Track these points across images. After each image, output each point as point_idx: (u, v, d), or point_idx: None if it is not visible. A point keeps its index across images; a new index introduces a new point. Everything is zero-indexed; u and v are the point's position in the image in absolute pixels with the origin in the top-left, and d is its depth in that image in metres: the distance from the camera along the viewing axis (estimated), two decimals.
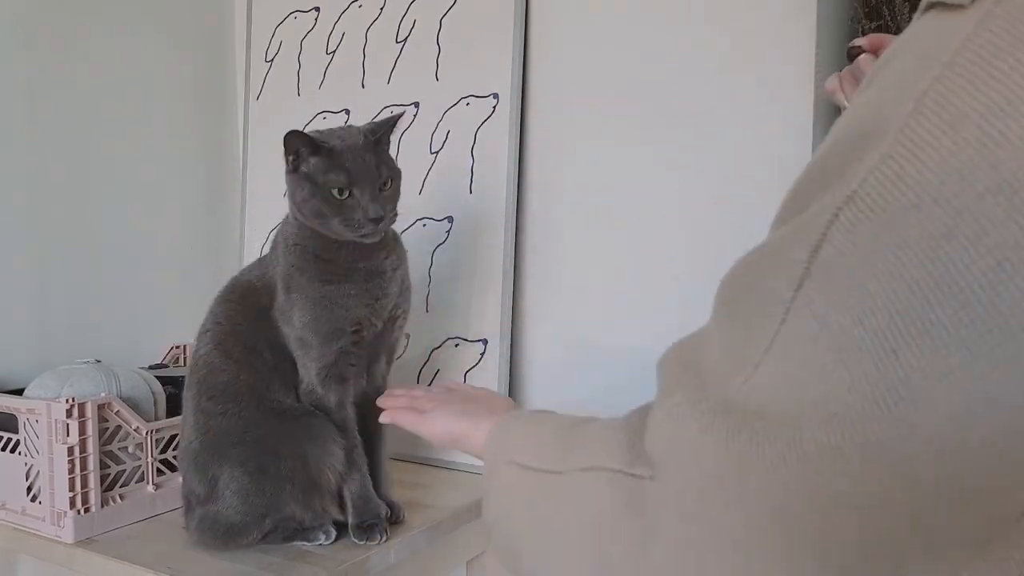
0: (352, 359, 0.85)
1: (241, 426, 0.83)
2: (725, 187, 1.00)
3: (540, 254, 1.15)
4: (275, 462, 0.81)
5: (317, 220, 0.80)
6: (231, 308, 0.87)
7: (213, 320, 0.88)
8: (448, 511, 0.96)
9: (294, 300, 0.83)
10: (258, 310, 0.86)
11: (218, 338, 0.86)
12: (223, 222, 1.45)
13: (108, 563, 0.84)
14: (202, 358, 0.86)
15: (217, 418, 0.83)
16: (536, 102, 1.14)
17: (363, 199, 0.79)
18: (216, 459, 0.82)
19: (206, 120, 1.43)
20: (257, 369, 0.84)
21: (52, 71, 1.18)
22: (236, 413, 0.83)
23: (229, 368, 0.84)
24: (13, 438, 0.93)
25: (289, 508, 0.82)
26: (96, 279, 1.24)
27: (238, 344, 0.85)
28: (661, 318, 1.05)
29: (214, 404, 0.84)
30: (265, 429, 0.82)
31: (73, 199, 1.21)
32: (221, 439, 0.83)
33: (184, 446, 0.87)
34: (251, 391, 0.84)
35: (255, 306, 0.86)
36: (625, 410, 0.44)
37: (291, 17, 1.37)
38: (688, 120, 1.02)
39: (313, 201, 0.79)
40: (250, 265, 0.93)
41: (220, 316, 0.87)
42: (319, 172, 0.79)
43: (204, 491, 0.83)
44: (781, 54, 0.94)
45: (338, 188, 0.78)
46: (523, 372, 1.17)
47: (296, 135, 0.78)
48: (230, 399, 0.83)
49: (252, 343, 0.85)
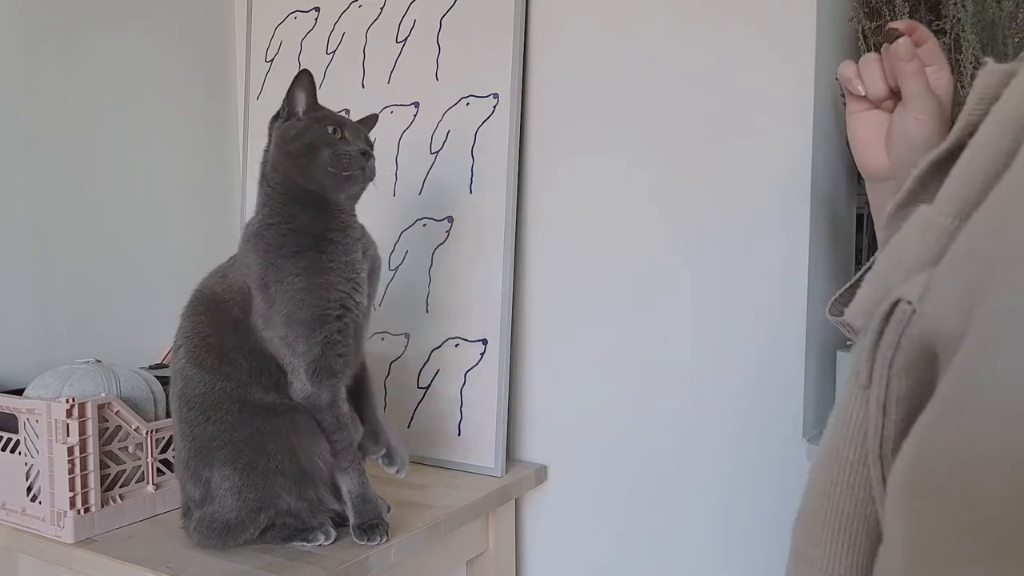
0: (340, 349, 0.84)
1: (225, 429, 0.83)
2: (724, 186, 1.00)
3: (540, 254, 1.15)
4: (263, 458, 0.82)
5: (305, 157, 0.82)
6: (198, 322, 0.87)
7: (182, 335, 0.87)
8: (448, 511, 0.96)
9: (273, 295, 0.82)
10: (228, 322, 0.85)
11: (189, 352, 0.85)
12: (223, 222, 1.45)
13: (108, 563, 0.84)
14: (177, 372, 0.86)
15: (201, 426, 0.84)
16: (536, 102, 1.14)
17: (354, 141, 0.84)
18: (206, 462, 0.83)
19: (206, 120, 1.43)
20: (232, 377, 0.84)
21: (52, 71, 1.18)
22: (219, 419, 0.83)
23: (204, 379, 0.84)
24: (13, 438, 0.93)
25: (284, 501, 0.82)
26: (96, 279, 1.24)
27: (210, 355, 0.84)
28: (661, 316, 1.05)
29: (195, 414, 0.84)
30: (250, 428, 0.83)
31: (73, 199, 1.21)
32: (208, 444, 0.83)
33: (176, 455, 0.88)
34: (229, 397, 0.84)
35: (225, 318, 0.86)
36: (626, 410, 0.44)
37: (291, 17, 1.37)
38: (688, 120, 1.02)
39: (306, 134, 0.83)
40: (208, 277, 0.90)
41: (188, 331, 0.87)
42: (312, 111, 0.85)
43: (200, 494, 0.84)
44: (781, 54, 0.95)
45: (332, 126, 0.84)
46: (523, 372, 1.18)
47: (310, 75, 0.85)
48: (210, 407, 0.83)
49: (224, 352, 0.85)
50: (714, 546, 1.03)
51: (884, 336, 0.42)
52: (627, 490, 1.09)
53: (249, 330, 0.84)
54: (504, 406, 1.11)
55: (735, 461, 1.01)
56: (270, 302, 0.82)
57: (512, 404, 1.17)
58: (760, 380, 0.98)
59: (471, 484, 1.06)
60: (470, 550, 1.08)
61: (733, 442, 1.01)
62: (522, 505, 1.19)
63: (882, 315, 0.42)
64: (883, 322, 0.42)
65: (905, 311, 0.40)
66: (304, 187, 0.83)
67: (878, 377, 0.41)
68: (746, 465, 1.00)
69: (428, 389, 1.17)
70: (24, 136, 1.14)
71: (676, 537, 1.06)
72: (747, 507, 1.00)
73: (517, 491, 1.12)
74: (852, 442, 0.44)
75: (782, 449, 0.97)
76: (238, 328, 0.85)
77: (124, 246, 1.28)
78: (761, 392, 0.98)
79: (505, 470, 1.10)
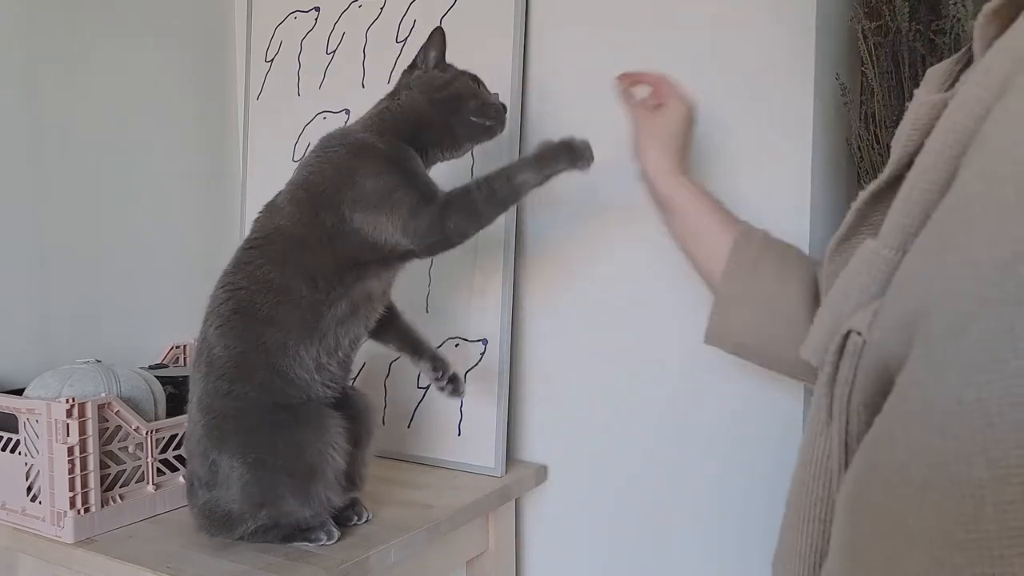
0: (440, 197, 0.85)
1: (244, 409, 0.83)
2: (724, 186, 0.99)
3: (540, 254, 1.15)
4: (273, 454, 0.82)
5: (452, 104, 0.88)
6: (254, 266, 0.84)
7: (230, 289, 0.85)
8: (448, 511, 0.96)
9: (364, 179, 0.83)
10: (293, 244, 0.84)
11: (238, 305, 0.84)
12: (223, 222, 1.45)
13: (108, 563, 0.84)
14: (215, 333, 0.84)
15: (222, 399, 0.83)
16: (536, 102, 1.14)
17: (488, 95, 0.92)
18: (217, 444, 0.83)
19: (206, 120, 1.43)
20: (284, 322, 0.83)
21: (52, 71, 1.18)
22: (242, 395, 0.83)
23: (244, 339, 0.83)
24: (13, 438, 0.93)
25: (287, 503, 0.82)
26: (96, 279, 1.24)
27: (269, 295, 0.83)
28: (661, 316, 1.05)
29: (222, 383, 0.83)
30: (265, 417, 0.83)
31: (73, 199, 1.21)
32: (223, 423, 0.83)
33: (189, 429, 0.88)
34: (261, 367, 0.83)
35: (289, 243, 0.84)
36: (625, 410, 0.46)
37: (291, 17, 1.37)
38: None
39: (453, 84, 0.89)
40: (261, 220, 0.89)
41: (238, 281, 0.85)
42: (443, 66, 0.92)
43: (205, 476, 0.84)
44: (781, 54, 0.95)
45: (474, 79, 0.92)
46: (523, 372, 1.18)
47: (443, 34, 0.92)
48: (237, 377, 0.83)
49: (285, 285, 0.83)
50: (714, 546, 1.03)
51: (840, 370, 0.43)
52: (627, 490, 1.09)
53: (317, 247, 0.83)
54: (504, 406, 1.11)
55: (735, 461, 1.01)
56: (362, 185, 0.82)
57: (512, 404, 1.17)
58: (760, 380, 0.98)
59: (471, 484, 1.06)
60: (470, 550, 1.08)
61: (733, 442, 1.01)
62: (522, 505, 1.19)
63: (836, 348, 0.43)
64: (837, 356, 0.43)
65: (856, 343, 0.42)
66: (434, 134, 0.89)
67: (837, 413, 0.42)
68: (745, 465, 1.00)
69: (428, 389, 1.17)
70: (24, 136, 1.14)
71: (676, 537, 1.06)
72: (747, 507, 1.00)
73: (517, 491, 1.12)
74: (818, 479, 0.45)
75: (782, 450, 0.97)
76: (304, 247, 0.83)
77: (124, 246, 1.28)
78: (761, 392, 0.98)
79: (505, 470, 1.10)
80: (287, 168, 1.35)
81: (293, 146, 1.35)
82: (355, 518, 0.91)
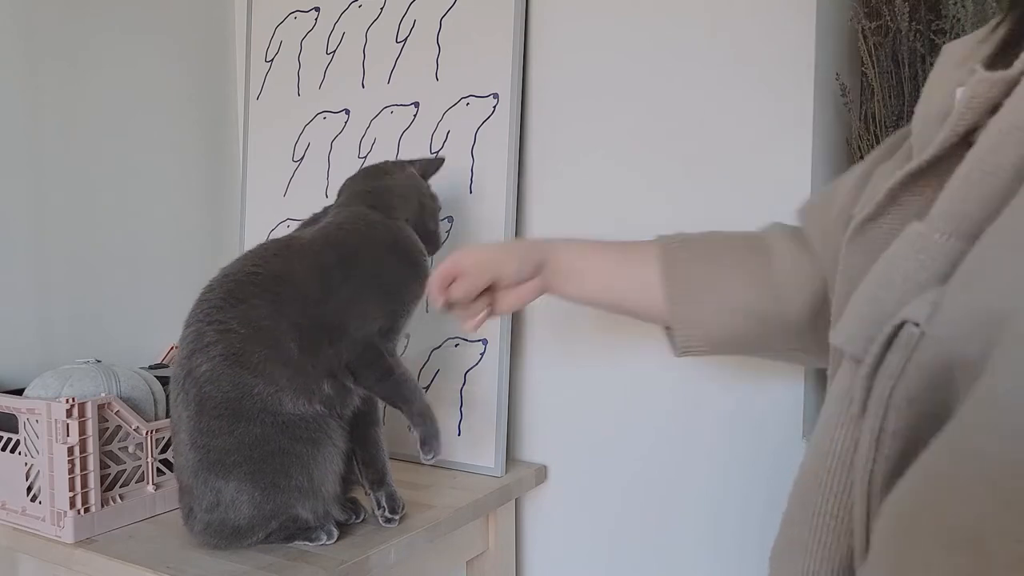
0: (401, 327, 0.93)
1: (248, 444, 0.80)
2: (724, 186, 1.00)
3: None
4: (284, 478, 0.81)
5: (436, 218, 1.00)
6: (249, 307, 0.82)
7: (218, 329, 0.81)
8: (448, 511, 0.96)
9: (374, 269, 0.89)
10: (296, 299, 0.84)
11: (230, 348, 0.80)
12: (223, 222, 1.45)
13: (108, 563, 0.84)
14: (205, 374, 0.80)
15: (221, 437, 0.80)
16: (536, 102, 1.14)
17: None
18: (219, 473, 0.80)
19: (206, 120, 1.43)
20: (273, 377, 0.80)
21: (52, 71, 1.18)
22: (244, 432, 0.80)
23: (241, 381, 0.80)
24: (13, 438, 0.93)
25: (295, 511, 0.83)
26: (96, 279, 1.24)
27: (259, 346, 0.80)
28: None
29: (219, 423, 0.80)
30: (273, 446, 0.81)
31: (73, 199, 1.21)
32: (224, 457, 0.80)
33: (180, 461, 0.84)
34: (263, 407, 0.80)
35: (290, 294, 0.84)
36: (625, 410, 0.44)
37: (291, 17, 1.37)
38: (687, 120, 1.02)
39: (437, 200, 1.01)
40: (241, 263, 0.87)
41: (231, 322, 0.81)
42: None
43: (209, 501, 0.81)
44: (780, 55, 0.94)
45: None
46: (523, 372, 1.18)
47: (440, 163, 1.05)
48: (239, 417, 0.80)
49: (277, 339, 0.81)
50: (713, 546, 1.03)
51: (886, 362, 0.39)
52: (627, 490, 1.09)
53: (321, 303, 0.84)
54: (504, 406, 1.11)
55: (734, 462, 1.01)
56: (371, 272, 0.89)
57: (512, 404, 1.17)
58: (759, 380, 0.98)
59: (471, 484, 1.06)
60: (470, 550, 1.08)
61: (732, 442, 1.01)
62: (522, 505, 1.19)
63: (884, 340, 0.39)
64: (885, 347, 0.39)
65: (912, 334, 0.37)
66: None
67: (874, 407, 0.39)
68: (745, 466, 1.00)
69: (428, 389, 1.17)
70: (24, 136, 1.14)
71: (675, 537, 1.06)
72: (746, 507, 1.00)
73: (517, 491, 1.12)
74: (836, 472, 0.42)
75: (781, 450, 0.97)
76: (307, 302, 0.83)
77: (124, 246, 1.28)
78: (760, 392, 0.98)
79: (505, 470, 1.10)
80: (287, 168, 1.36)
81: (293, 146, 1.35)
82: (353, 517, 0.91)
